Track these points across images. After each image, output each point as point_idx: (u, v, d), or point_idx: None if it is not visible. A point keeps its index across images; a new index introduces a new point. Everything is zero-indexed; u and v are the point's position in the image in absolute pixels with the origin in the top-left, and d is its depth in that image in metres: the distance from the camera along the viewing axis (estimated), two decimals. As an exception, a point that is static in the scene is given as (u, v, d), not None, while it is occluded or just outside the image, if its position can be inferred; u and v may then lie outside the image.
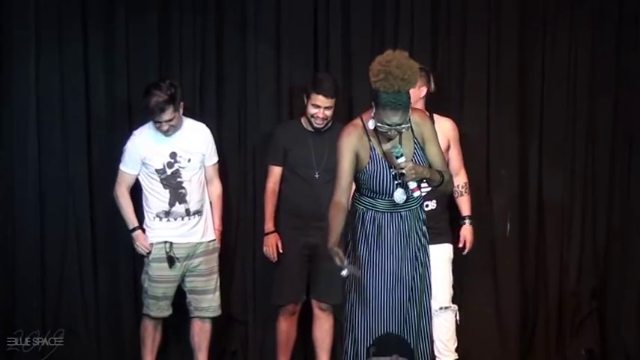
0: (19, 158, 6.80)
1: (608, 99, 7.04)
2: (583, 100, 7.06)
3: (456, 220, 6.64)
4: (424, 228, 5.54)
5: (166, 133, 6.41)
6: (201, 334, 6.59)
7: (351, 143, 5.36)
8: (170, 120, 6.37)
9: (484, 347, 6.99)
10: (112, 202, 6.82)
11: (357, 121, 5.42)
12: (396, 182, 5.40)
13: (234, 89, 6.98)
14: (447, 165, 5.77)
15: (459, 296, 6.72)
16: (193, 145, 6.51)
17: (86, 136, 6.85)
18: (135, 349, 6.88)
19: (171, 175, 6.45)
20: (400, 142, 5.36)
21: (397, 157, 5.31)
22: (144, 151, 6.43)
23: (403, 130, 5.30)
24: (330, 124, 6.57)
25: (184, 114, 6.51)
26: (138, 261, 6.85)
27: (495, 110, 7.01)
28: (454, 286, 6.62)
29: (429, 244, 5.57)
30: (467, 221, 6.65)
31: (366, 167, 5.38)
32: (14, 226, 6.81)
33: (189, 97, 6.77)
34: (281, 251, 6.59)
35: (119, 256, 6.91)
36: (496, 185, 7.01)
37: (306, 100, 6.56)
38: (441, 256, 6.51)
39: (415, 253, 5.51)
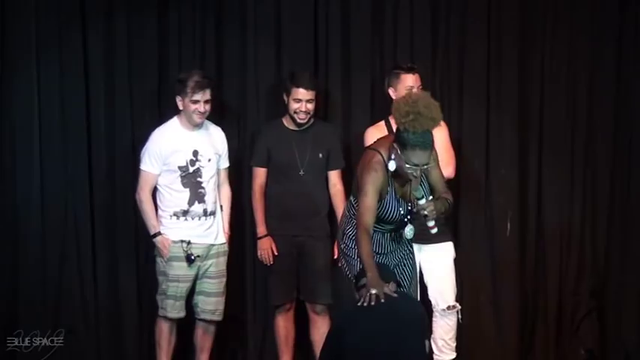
0: (20, 159, 6.80)
1: (608, 99, 7.04)
2: (583, 101, 7.06)
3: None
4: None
5: (201, 118, 6.41)
6: (205, 336, 6.60)
7: (379, 181, 5.35)
8: (208, 102, 6.40)
9: (484, 347, 7.00)
10: (112, 202, 6.87)
11: (379, 158, 5.37)
12: (406, 219, 5.46)
13: (233, 88, 6.98)
14: None
15: (459, 296, 6.71)
16: (213, 145, 6.52)
17: (87, 135, 6.85)
18: (135, 349, 6.93)
19: (192, 174, 6.44)
20: None
21: (418, 199, 5.35)
22: (167, 148, 6.41)
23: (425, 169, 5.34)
24: (312, 121, 6.63)
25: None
26: (138, 261, 6.91)
27: (495, 110, 7.01)
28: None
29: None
30: None
31: (380, 203, 5.39)
32: (15, 226, 6.81)
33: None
34: (276, 253, 6.62)
35: (119, 257, 6.91)
36: (496, 185, 7.01)
37: (286, 98, 6.60)
38: (445, 255, 6.54)
39: (404, 259, 5.63)
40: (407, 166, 5.25)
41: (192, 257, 6.43)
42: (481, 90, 7.01)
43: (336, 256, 6.59)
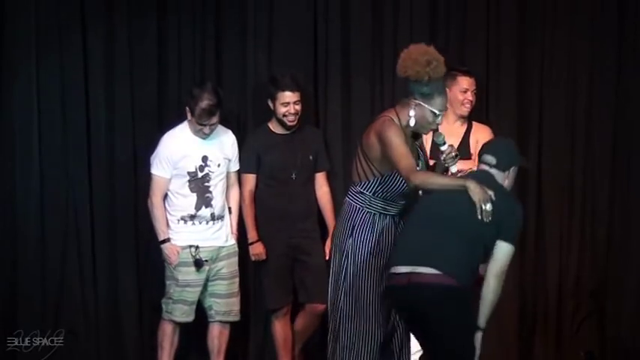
0: (20, 159, 6.81)
1: (607, 99, 7.05)
2: (582, 101, 7.07)
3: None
4: None
5: (205, 136, 6.41)
6: (221, 338, 6.57)
7: (401, 134, 5.34)
8: (214, 124, 6.39)
9: (484, 347, 6.91)
10: (112, 202, 6.89)
11: (391, 118, 5.40)
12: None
13: (233, 92, 6.98)
14: None
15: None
16: (223, 150, 6.52)
17: (86, 136, 6.86)
18: (136, 349, 6.92)
19: (201, 179, 6.43)
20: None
21: (441, 145, 5.43)
22: (177, 153, 6.40)
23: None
24: (298, 125, 6.65)
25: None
26: (139, 261, 6.92)
27: (495, 110, 7.02)
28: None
29: None
30: None
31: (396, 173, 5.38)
32: (15, 226, 6.82)
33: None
34: (264, 257, 6.64)
35: (119, 256, 6.91)
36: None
37: (272, 104, 6.62)
38: None
39: None
40: (435, 112, 5.32)
41: (201, 262, 6.43)
42: (481, 95, 7.02)
43: (327, 257, 6.62)
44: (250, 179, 6.67)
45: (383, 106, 7.00)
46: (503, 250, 5.10)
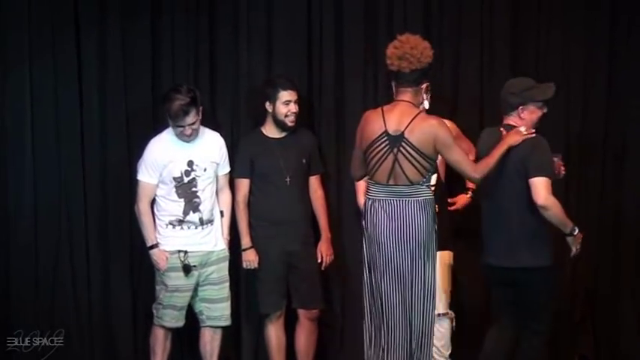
0: (13, 162, 6.84)
1: (601, 99, 7.04)
2: (577, 101, 7.06)
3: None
4: None
5: (189, 138, 6.37)
6: (212, 343, 6.59)
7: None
8: (193, 123, 6.33)
9: (480, 350, 6.95)
10: (106, 204, 6.91)
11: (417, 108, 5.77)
12: None
13: (227, 93, 6.98)
14: None
15: (455, 300, 6.72)
16: (209, 154, 6.49)
17: (80, 137, 6.87)
18: (129, 354, 6.95)
19: (187, 184, 6.42)
20: None
21: None
22: (162, 159, 6.39)
23: None
24: (295, 126, 6.64)
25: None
26: (132, 265, 6.94)
27: (490, 110, 6.95)
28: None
29: None
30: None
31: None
32: (7, 228, 6.84)
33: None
34: (256, 266, 6.62)
35: (113, 260, 6.94)
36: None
37: (270, 106, 6.58)
38: (441, 263, 6.49)
39: None
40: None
41: (189, 267, 6.43)
42: (475, 90, 7.03)
43: (320, 260, 6.67)
44: (244, 184, 6.64)
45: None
46: (535, 185, 5.73)
